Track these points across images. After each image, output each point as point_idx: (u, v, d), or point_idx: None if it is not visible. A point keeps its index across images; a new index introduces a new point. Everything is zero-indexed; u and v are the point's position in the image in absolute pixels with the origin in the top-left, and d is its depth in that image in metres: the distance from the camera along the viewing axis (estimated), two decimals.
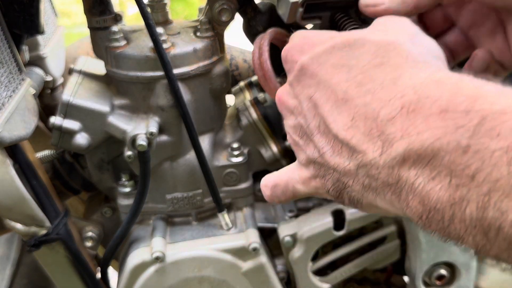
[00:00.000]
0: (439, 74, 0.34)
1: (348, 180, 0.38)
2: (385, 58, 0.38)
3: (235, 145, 0.89)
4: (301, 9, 0.54)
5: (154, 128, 0.80)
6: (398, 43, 0.38)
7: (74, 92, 0.83)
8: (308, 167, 0.43)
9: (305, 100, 0.42)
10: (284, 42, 0.83)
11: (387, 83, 0.36)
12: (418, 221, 0.33)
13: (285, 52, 0.48)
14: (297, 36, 0.48)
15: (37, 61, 1.01)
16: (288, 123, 0.46)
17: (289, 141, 0.47)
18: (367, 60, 0.38)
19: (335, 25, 0.57)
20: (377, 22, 0.44)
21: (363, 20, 0.52)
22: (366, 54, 0.39)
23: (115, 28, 0.82)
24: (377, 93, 0.36)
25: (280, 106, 0.47)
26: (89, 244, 0.91)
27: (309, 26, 0.67)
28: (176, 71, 0.80)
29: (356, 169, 0.37)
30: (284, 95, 0.46)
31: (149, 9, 0.84)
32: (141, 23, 0.78)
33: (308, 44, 0.44)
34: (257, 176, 0.98)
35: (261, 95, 0.92)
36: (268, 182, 0.49)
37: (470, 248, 0.31)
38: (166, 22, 0.89)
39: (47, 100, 1.08)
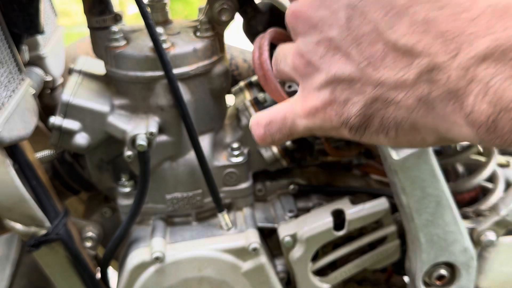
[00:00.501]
0: None
1: (396, 95, 0.35)
2: None
3: (235, 145, 0.89)
4: None
5: (154, 128, 0.80)
6: None
7: (74, 92, 0.83)
8: (321, 92, 0.39)
9: (344, 8, 0.37)
10: (284, 42, 0.83)
11: None
12: (479, 127, 0.31)
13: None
14: None
15: (37, 61, 1.01)
16: (305, 40, 0.40)
17: (292, 64, 0.42)
18: None
19: None
20: None
21: None
22: None
23: (115, 28, 0.82)
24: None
25: (295, 21, 0.41)
26: (88, 244, 0.91)
27: None
28: (176, 71, 0.80)
29: (416, 77, 0.33)
30: (304, 7, 0.40)
31: (148, 9, 0.84)
32: (141, 23, 0.78)
33: None
34: (257, 176, 0.98)
35: (261, 95, 0.92)
36: (261, 119, 0.45)
37: None
38: (166, 22, 0.88)
39: (46, 100, 1.08)
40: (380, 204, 0.87)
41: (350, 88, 0.37)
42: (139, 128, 0.81)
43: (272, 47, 0.73)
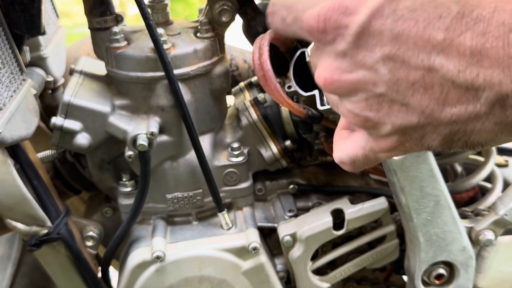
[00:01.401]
0: None
1: (475, 125, 0.34)
2: None
3: (235, 145, 0.89)
4: None
5: (154, 128, 0.81)
6: None
7: (75, 93, 0.84)
8: (391, 138, 0.38)
9: (380, 63, 0.34)
10: (284, 43, 0.83)
11: (500, 5, 0.31)
12: None
13: (318, 20, 0.36)
14: None
15: (38, 62, 1.02)
16: (353, 100, 0.37)
17: (352, 124, 0.40)
18: None
19: None
20: None
21: None
22: None
23: (115, 28, 0.82)
24: (492, 19, 0.31)
25: (331, 89, 0.38)
26: (89, 243, 0.91)
27: None
28: (176, 71, 0.80)
29: (490, 106, 0.32)
30: (336, 73, 0.37)
31: (149, 10, 0.84)
32: (141, 23, 0.79)
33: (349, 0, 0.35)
34: (257, 176, 0.98)
35: (261, 95, 0.93)
36: (344, 160, 0.43)
37: None
38: (166, 23, 0.89)
39: (48, 100, 1.09)
40: (379, 203, 0.87)
41: (423, 130, 0.36)
42: (140, 128, 0.82)
43: (272, 47, 0.73)
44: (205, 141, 0.88)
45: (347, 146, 0.43)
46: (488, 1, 0.31)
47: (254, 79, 1.02)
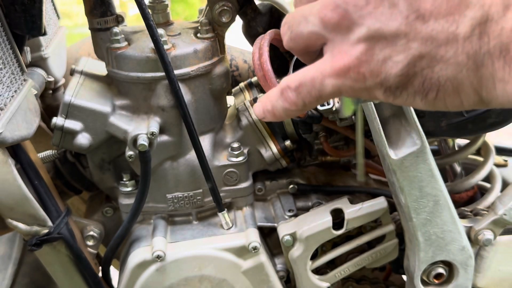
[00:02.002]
0: None
1: (446, 52, 0.32)
2: None
3: (235, 145, 0.90)
4: None
5: (155, 128, 0.81)
6: None
7: (76, 93, 0.84)
8: (356, 48, 0.35)
9: None
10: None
11: None
12: None
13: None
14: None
15: (39, 62, 1.02)
16: None
17: (321, 19, 0.37)
18: None
19: None
20: None
21: None
22: None
23: (116, 29, 0.83)
24: None
25: None
26: (90, 243, 0.91)
27: None
28: (176, 71, 0.81)
29: (470, 30, 0.31)
30: None
31: (150, 10, 0.84)
32: (142, 24, 0.79)
33: None
34: (257, 176, 0.98)
35: (261, 96, 0.93)
36: (291, 82, 0.40)
37: None
38: (166, 23, 0.89)
39: (48, 100, 1.09)
40: (378, 203, 0.87)
41: (393, 46, 0.34)
42: (140, 128, 0.82)
43: (272, 48, 0.73)
44: (205, 141, 0.88)
45: (299, 71, 0.40)
46: None
47: (254, 79, 1.02)
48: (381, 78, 0.34)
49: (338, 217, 0.88)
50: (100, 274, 0.93)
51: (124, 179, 0.89)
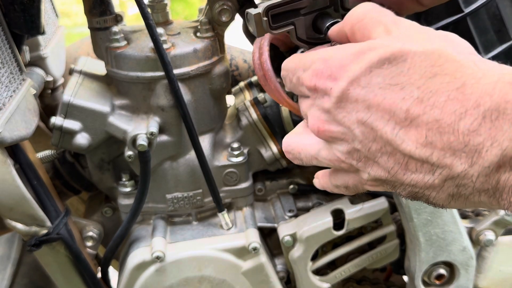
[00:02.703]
0: (506, 75, 0.34)
1: (430, 192, 0.39)
2: (437, 68, 0.37)
3: (235, 145, 0.89)
4: (265, 18, 0.52)
5: (154, 128, 0.81)
6: (441, 49, 0.37)
7: (75, 92, 0.83)
8: (370, 182, 0.44)
9: (355, 125, 0.41)
10: (285, 43, 0.83)
11: (453, 94, 0.35)
12: None
13: (308, 79, 0.44)
14: (312, 60, 0.45)
15: (38, 62, 1.02)
16: (339, 149, 0.44)
17: (337, 166, 0.46)
18: (418, 74, 0.37)
19: (316, 27, 0.55)
20: (379, 27, 0.42)
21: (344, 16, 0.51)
22: (414, 67, 0.37)
23: (115, 28, 0.82)
24: (446, 107, 0.35)
25: (321, 135, 0.45)
26: (89, 243, 0.91)
27: None
28: (176, 71, 0.80)
29: (442, 182, 0.37)
30: (322, 124, 0.44)
31: (149, 10, 0.84)
32: (141, 23, 0.79)
33: (335, 66, 0.42)
34: (257, 176, 0.98)
35: (261, 95, 0.92)
36: (340, 184, 0.49)
37: None
38: (166, 23, 0.89)
39: (47, 100, 1.09)
40: (379, 203, 0.87)
41: (392, 184, 0.41)
42: (140, 128, 0.82)
43: (272, 47, 0.73)
44: (205, 141, 0.88)
45: (345, 176, 0.48)
46: (445, 89, 0.36)
47: (254, 79, 1.02)
48: (398, 193, 0.42)
49: (338, 218, 0.88)
50: (99, 275, 0.93)
51: (124, 179, 0.89)
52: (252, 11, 0.53)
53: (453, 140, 0.35)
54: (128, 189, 0.89)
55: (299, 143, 0.49)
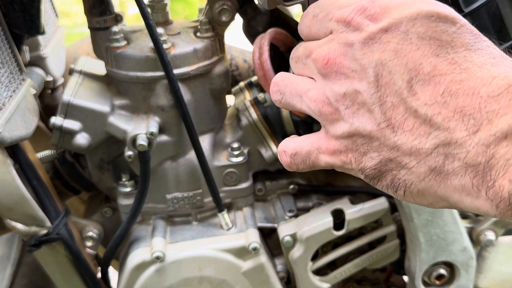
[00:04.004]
0: None
1: (409, 161, 0.36)
2: (480, 44, 0.36)
3: (235, 145, 0.89)
4: None
5: (154, 128, 0.81)
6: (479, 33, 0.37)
7: (75, 92, 0.83)
8: (341, 140, 0.41)
9: (372, 65, 0.38)
10: (285, 42, 0.83)
11: (487, 65, 0.34)
12: (499, 202, 0.32)
13: (344, 14, 0.41)
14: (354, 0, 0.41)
15: (38, 61, 1.02)
16: (335, 89, 0.40)
17: (316, 108, 0.42)
18: (461, 42, 0.36)
19: None
20: None
21: None
22: (460, 34, 0.36)
23: (115, 28, 0.82)
24: (475, 72, 0.34)
25: (327, 67, 0.41)
26: (89, 244, 0.91)
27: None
28: (176, 71, 0.80)
29: (432, 148, 0.35)
30: (336, 55, 0.40)
31: (149, 10, 0.84)
32: (141, 23, 0.79)
33: (380, 7, 0.39)
34: (257, 176, 0.98)
35: (261, 95, 0.92)
36: (287, 149, 0.46)
37: None
38: (166, 22, 0.89)
39: (47, 100, 1.09)
40: (379, 203, 0.87)
41: (369, 144, 0.39)
42: (140, 128, 0.82)
43: (272, 47, 0.73)
44: (205, 141, 0.88)
45: (297, 140, 0.46)
46: (480, 61, 0.35)
47: (254, 78, 1.02)
48: (361, 166, 0.40)
49: (338, 218, 0.88)
50: (99, 275, 0.93)
51: (124, 179, 0.89)
52: None
53: (468, 104, 0.33)
54: (128, 189, 0.89)
55: (293, 77, 0.46)
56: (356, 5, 0.40)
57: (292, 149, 0.45)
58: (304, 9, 0.53)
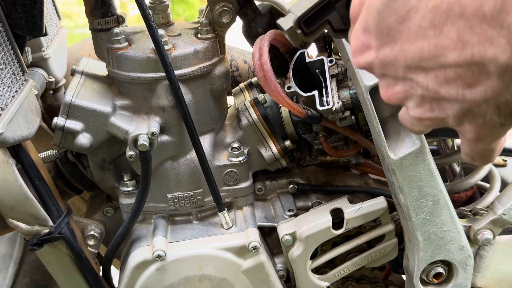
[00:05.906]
0: None
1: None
2: None
3: (235, 145, 0.90)
4: (299, 31, 0.49)
5: (155, 128, 0.81)
6: None
7: (76, 93, 0.84)
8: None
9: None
10: (284, 44, 0.84)
11: None
12: None
13: None
14: None
15: (40, 62, 1.02)
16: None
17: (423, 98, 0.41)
18: None
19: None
20: None
21: None
22: None
23: (116, 29, 0.83)
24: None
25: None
26: (91, 242, 0.92)
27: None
28: (177, 72, 0.81)
29: (500, 76, 0.34)
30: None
31: (150, 11, 0.85)
32: (142, 24, 0.79)
33: None
34: (257, 176, 0.99)
35: (261, 96, 0.93)
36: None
37: None
38: (167, 24, 0.89)
39: (49, 100, 1.09)
40: (378, 203, 0.87)
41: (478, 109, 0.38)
42: (141, 128, 0.82)
43: (272, 48, 0.74)
44: (206, 141, 0.88)
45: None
46: None
47: (254, 79, 1.03)
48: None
49: (338, 217, 0.88)
50: (100, 274, 0.94)
51: (125, 179, 0.90)
52: (283, 24, 0.51)
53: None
54: (129, 189, 0.90)
55: None
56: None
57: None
58: (329, 33, 0.51)
